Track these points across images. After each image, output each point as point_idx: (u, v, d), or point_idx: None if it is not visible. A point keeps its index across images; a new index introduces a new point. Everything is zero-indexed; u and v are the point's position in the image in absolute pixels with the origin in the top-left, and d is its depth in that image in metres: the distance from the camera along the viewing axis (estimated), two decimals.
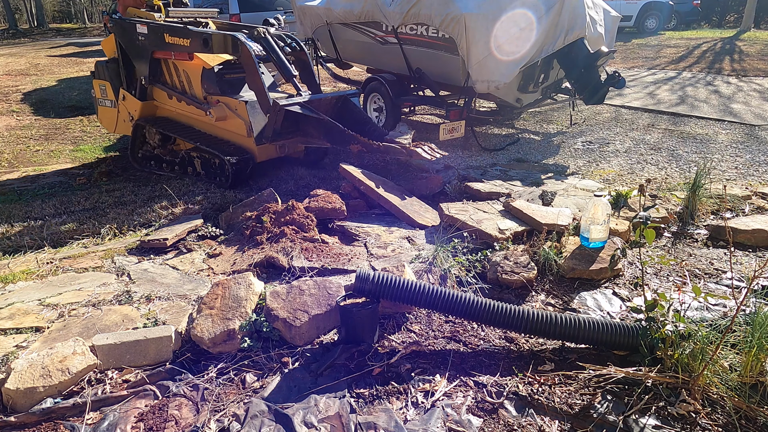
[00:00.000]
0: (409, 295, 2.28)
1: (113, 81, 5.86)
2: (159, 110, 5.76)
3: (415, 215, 3.68)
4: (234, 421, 1.93)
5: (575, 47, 5.50)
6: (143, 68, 5.51)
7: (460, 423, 1.89)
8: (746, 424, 1.80)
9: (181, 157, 5.50)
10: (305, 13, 7.63)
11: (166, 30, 5.05)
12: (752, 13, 17.16)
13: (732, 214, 3.70)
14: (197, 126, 5.44)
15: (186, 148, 5.48)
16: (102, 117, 6.31)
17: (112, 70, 5.84)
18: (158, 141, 5.63)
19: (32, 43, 20.69)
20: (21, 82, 11.59)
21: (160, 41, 5.15)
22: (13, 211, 4.71)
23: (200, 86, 5.20)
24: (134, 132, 5.79)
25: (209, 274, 3.10)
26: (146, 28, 5.20)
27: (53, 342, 2.32)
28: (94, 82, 6.11)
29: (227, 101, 5.07)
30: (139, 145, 5.87)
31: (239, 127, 4.99)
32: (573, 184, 4.42)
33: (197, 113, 5.30)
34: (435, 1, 5.52)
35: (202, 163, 5.31)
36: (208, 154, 5.14)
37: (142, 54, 5.43)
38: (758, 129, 6.50)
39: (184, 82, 5.38)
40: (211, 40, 4.69)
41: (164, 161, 5.68)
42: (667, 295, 2.06)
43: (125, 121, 5.92)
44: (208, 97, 5.20)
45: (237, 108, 5.00)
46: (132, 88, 5.75)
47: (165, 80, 5.59)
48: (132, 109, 5.77)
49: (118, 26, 5.54)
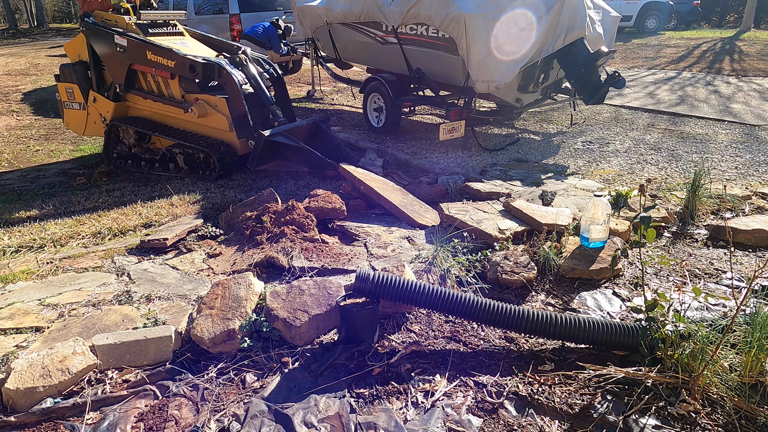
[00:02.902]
0: (409, 295, 2.28)
1: (81, 83, 5.91)
2: (132, 110, 5.84)
3: (415, 215, 3.68)
4: (234, 421, 1.93)
5: (575, 47, 5.49)
6: (118, 76, 5.58)
7: (460, 423, 1.89)
8: (746, 424, 1.80)
9: (161, 155, 5.58)
10: (305, 13, 7.63)
11: (150, 48, 5.19)
12: (752, 13, 17.17)
13: (732, 214, 3.70)
14: (175, 124, 5.55)
15: (165, 145, 5.55)
16: (69, 120, 6.35)
17: (80, 73, 5.91)
18: (134, 140, 5.71)
19: (32, 43, 20.69)
20: (21, 81, 11.59)
21: (141, 57, 5.28)
22: (13, 211, 4.71)
23: (177, 87, 5.32)
24: (108, 133, 5.86)
25: (209, 274, 3.10)
26: (126, 41, 5.29)
27: (53, 342, 2.32)
28: (60, 85, 6.15)
29: (207, 98, 5.19)
30: (113, 145, 5.94)
31: (220, 123, 5.14)
32: (573, 184, 4.42)
33: (175, 111, 5.42)
34: (435, 1, 5.52)
35: (185, 159, 5.41)
36: (192, 149, 5.26)
37: (119, 64, 5.52)
38: (758, 129, 6.50)
39: (160, 84, 5.47)
40: (198, 68, 4.90)
41: (142, 159, 5.74)
42: (667, 295, 2.06)
43: (96, 122, 5.98)
44: (185, 96, 5.31)
45: (217, 104, 5.14)
46: (103, 89, 5.83)
47: (141, 86, 5.69)
48: (104, 110, 5.84)
49: (91, 31, 5.61)
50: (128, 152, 5.83)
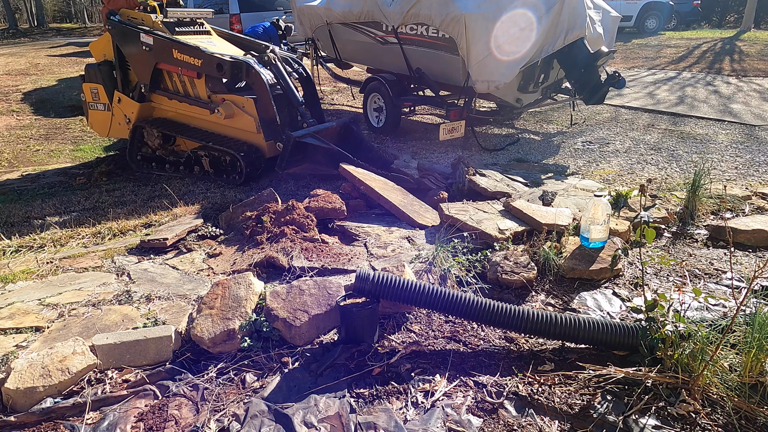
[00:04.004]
0: (409, 295, 2.27)
1: (106, 83, 5.80)
2: (157, 111, 5.74)
3: (415, 215, 3.68)
4: (234, 421, 1.93)
5: (575, 47, 5.50)
6: (144, 75, 5.47)
7: (460, 423, 1.89)
8: (746, 424, 1.80)
9: (186, 157, 5.45)
10: (305, 13, 7.63)
11: (176, 46, 5.04)
12: (752, 14, 17.17)
13: (732, 214, 3.70)
14: (201, 125, 5.42)
15: (190, 147, 5.43)
16: (93, 121, 6.25)
17: (105, 73, 5.78)
18: (159, 142, 5.58)
19: (32, 43, 20.69)
20: (21, 81, 11.59)
21: (167, 55, 5.14)
22: (13, 211, 4.71)
23: (204, 87, 5.19)
24: (133, 134, 5.75)
25: (209, 274, 3.10)
26: (152, 39, 5.16)
27: (53, 342, 2.32)
28: (85, 85, 6.04)
29: (234, 99, 5.06)
30: (137, 147, 5.82)
31: (247, 124, 4.99)
32: (573, 184, 4.42)
33: (200, 112, 5.29)
34: (435, 1, 5.52)
35: (210, 162, 5.26)
36: (218, 152, 5.11)
37: (145, 63, 5.40)
38: (758, 129, 6.50)
39: (186, 83, 5.36)
40: (225, 66, 4.75)
41: (167, 162, 5.63)
42: (667, 296, 2.06)
43: (120, 123, 5.88)
44: (212, 96, 5.18)
45: (244, 105, 4.99)
46: (128, 90, 5.73)
47: (166, 86, 5.58)
48: (129, 111, 5.71)
49: (117, 30, 5.48)
50: (152, 154, 5.71)
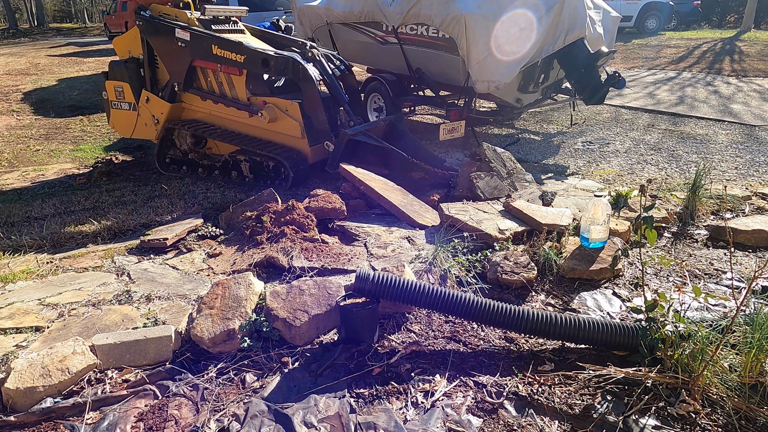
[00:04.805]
0: (409, 295, 2.28)
1: (133, 82, 5.47)
2: (187, 112, 5.47)
3: (415, 215, 3.68)
4: (234, 420, 1.93)
5: (575, 47, 5.50)
6: (178, 74, 5.21)
7: (459, 423, 1.89)
8: (746, 424, 1.80)
9: (223, 162, 5.19)
10: (305, 13, 7.63)
11: (216, 41, 4.81)
12: (752, 14, 17.18)
13: (732, 214, 3.70)
14: (237, 128, 5.16)
15: (228, 151, 5.16)
16: (116, 121, 5.87)
17: (132, 70, 5.45)
18: (191, 144, 5.33)
19: (32, 43, 20.70)
20: (21, 81, 11.59)
21: (205, 51, 4.90)
22: (13, 210, 4.71)
23: (244, 88, 4.97)
24: (163, 136, 5.46)
25: (209, 273, 3.10)
26: (189, 35, 4.93)
27: (53, 342, 2.32)
28: (108, 83, 5.67)
29: (277, 102, 4.85)
30: (166, 149, 5.55)
31: (291, 129, 4.80)
32: (573, 184, 4.42)
33: (238, 114, 5.06)
34: (435, 1, 5.53)
35: (251, 167, 5.01)
36: (261, 157, 4.88)
37: (179, 60, 5.13)
38: (758, 129, 6.50)
39: (223, 84, 5.12)
40: (272, 62, 4.56)
41: (200, 165, 5.37)
42: (667, 296, 2.06)
43: (146, 124, 5.56)
44: (251, 99, 4.96)
45: (288, 108, 4.80)
46: (156, 89, 5.44)
47: (200, 86, 5.30)
48: (157, 111, 5.42)
49: (149, 26, 5.18)
50: (183, 157, 5.45)
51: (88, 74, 12.43)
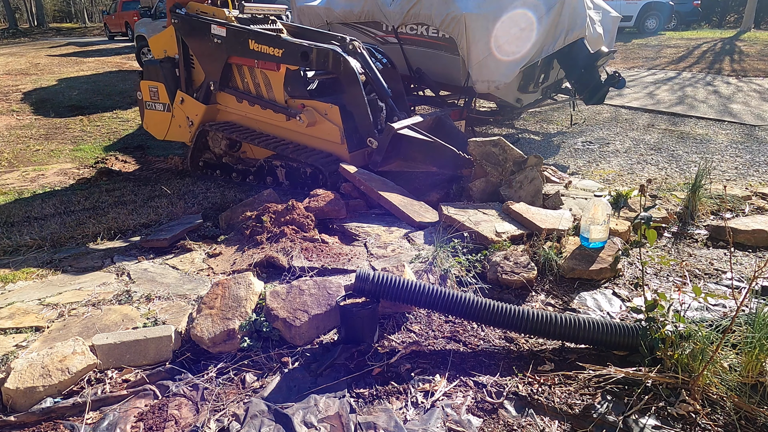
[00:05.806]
0: (409, 295, 2.27)
1: (168, 82, 5.31)
2: (221, 114, 5.29)
3: (414, 215, 3.68)
4: (234, 420, 1.93)
5: (575, 47, 5.50)
6: (213, 72, 5.04)
7: (459, 423, 1.89)
8: (746, 424, 1.80)
9: (259, 166, 5.01)
10: (305, 13, 7.62)
11: (252, 36, 4.65)
12: (752, 14, 17.19)
13: (732, 214, 3.70)
14: (274, 132, 4.95)
15: (263, 156, 4.99)
16: (149, 122, 5.72)
17: (167, 70, 5.29)
18: (225, 148, 5.18)
19: (32, 43, 20.70)
20: (21, 81, 11.59)
21: (242, 47, 4.71)
22: (13, 210, 4.71)
23: (281, 90, 4.78)
24: (197, 138, 5.30)
25: (209, 273, 3.10)
26: (225, 30, 4.74)
27: (53, 341, 2.32)
28: (143, 83, 5.52)
29: (315, 105, 4.62)
30: (200, 152, 5.41)
31: (330, 134, 4.59)
32: (573, 184, 4.42)
33: (274, 118, 4.88)
34: (435, 1, 5.53)
35: (287, 173, 4.83)
36: (298, 163, 4.67)
37: (215, 58, 4.96)
38: (758, 129, 6.50)
39: (260, 84, 4.94)
40: (312, 54, 4.38)
41: (234, 170, 5.21)
42: (667, 296, 2.06)
43: (181, 126, 5.41)
44: (289, 101, 4.78)
45: (327, 112, 4.57)
46: (191, 90, 5.30)
47: (236, 85, 5.13)
48: (192, 113, 5.25)
49: (184, 24, 5.01)
50: (217, 161, 5.32)
51: (88, 74, 12.44)
